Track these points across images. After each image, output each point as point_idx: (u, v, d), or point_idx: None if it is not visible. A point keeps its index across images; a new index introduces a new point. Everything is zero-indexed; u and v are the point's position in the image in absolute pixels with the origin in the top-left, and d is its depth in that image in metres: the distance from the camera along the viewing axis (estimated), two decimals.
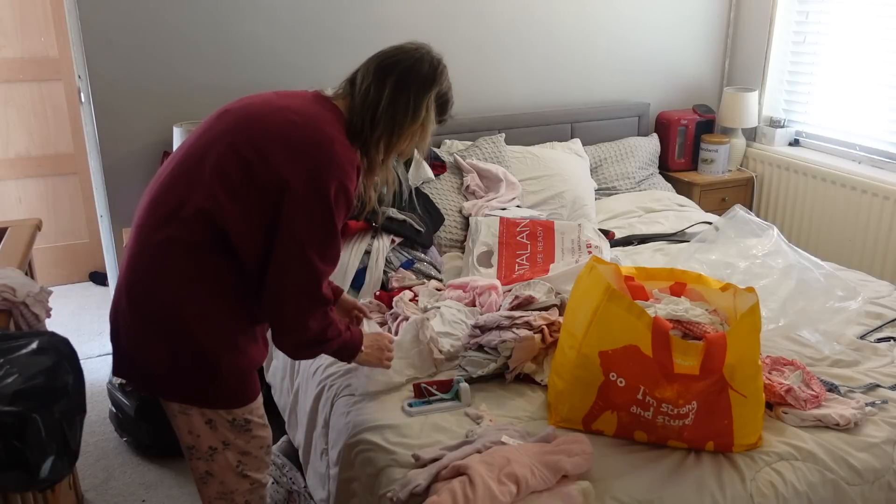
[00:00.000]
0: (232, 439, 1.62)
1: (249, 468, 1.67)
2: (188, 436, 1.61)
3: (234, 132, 1.53)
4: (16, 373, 1.29)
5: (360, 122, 1.61)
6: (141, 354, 1.55)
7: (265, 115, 1.55)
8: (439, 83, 1.68)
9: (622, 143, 3.65)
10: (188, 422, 1.59)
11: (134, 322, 1.54)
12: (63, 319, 3.61)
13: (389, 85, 1.61)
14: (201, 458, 1.63)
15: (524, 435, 1.69)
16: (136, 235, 1.55)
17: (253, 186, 1.49)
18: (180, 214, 1.50)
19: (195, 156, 1.54)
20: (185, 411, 1.58)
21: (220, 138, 1.54)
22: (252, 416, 1.64)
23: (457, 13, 3.33)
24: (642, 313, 1.64)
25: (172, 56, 2.95)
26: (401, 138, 1.65)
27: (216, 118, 1.61)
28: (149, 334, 1.53)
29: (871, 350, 2.14)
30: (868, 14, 3.35)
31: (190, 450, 1.63)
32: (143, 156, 3.00)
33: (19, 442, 1.24)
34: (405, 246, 2.64)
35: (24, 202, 3.96)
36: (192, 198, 1.49)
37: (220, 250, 1.50)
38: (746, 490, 1.59)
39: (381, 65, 1.63)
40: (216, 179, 1.49)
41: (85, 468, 2.61)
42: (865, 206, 3.29)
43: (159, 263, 1.51)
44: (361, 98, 1.62)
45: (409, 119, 1.63)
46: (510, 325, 1.99)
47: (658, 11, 3.75)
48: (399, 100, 1.61)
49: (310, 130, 1.53)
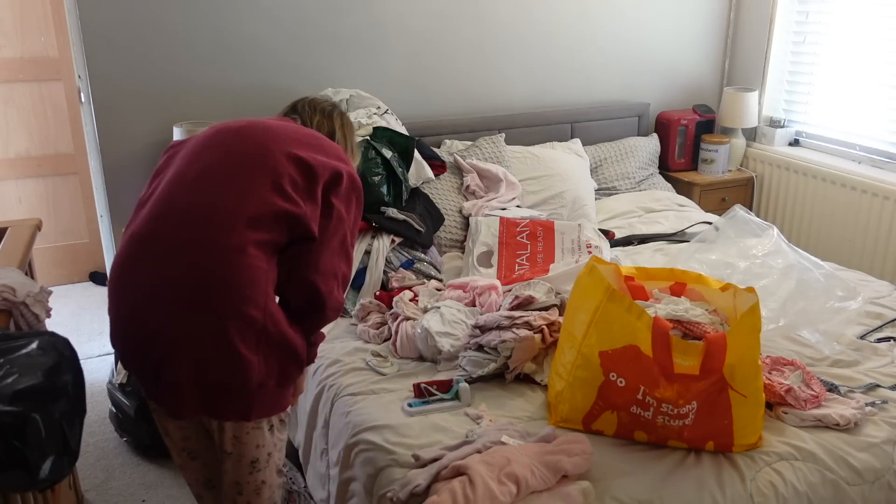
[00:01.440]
0: (280, 438, 1.64)
1: (282, 463, 1.70)
2: (255, 450, 1.57)
3: (280, 143, 1.62)
4: (16, 373, 1.29)
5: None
6: (243, 375, 1.46)
7: (286, 129, 1.69)
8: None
9: (622, 143, 3.65)
10: (257, 436, 1.56)
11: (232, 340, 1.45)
12: (63, 319, 3.61)
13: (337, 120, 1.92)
14: (262, 469, 1.60)
15: (524, 435, 1.69)
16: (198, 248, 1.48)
17: (315, 185, 1.60)
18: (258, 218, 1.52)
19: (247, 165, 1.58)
20: (258, 426, 1.55)
21: (268, 149, 1.60)
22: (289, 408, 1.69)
23: (457, 13, 3.33)
24: (642, 313, 1.64)
25: (172, 56, 2.95)
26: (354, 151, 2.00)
27: (235, 134, 1.65)
28: (248, 348, 1.46)
29: (871, 350, 2.14)
30: (868, 14, 3.35)
31: (253, 464, 1.58)
32: (143, 156, 3.00)
33: (19, 442, 1.24)
34: (405, 246, 2.64)
35: (24, 202, 3.96)
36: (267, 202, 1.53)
37: (280, 251, 1.57)
38: (746, 490, 1.59)
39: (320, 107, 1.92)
40: (287, 183, 1.56)
41: (85, 468, 2.61)
42: (865, 206, 3.29)
43: (250, 267, 1.48)
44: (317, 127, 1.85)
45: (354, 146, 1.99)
46: (510, 325, 1.99)
47: (658, 11, 3.75)
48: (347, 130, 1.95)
49: (326, 140, 1.74)
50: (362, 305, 2.34)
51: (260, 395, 1.52)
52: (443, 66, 3.35)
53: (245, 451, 1.57)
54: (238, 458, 1.57)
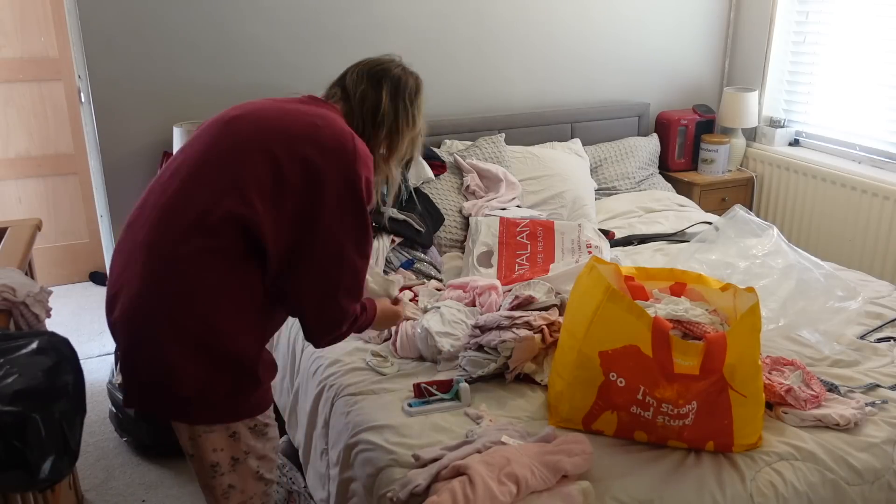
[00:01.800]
0: (252, 446, 1.60)
1: (266, 470, 1.65)
2: (212, 454, 1.55)
3: (260, 137, 1.51)
4: (16, 373, 1.29)
5: (362, 125, 1.66)
6: (170, 380, 1.46)
7: (284, 118, 1.55)
8: (421, 94, 1.77)
9: (622, 143, 3.65)
10: (212, 440, 1.54)
11: (162, 346, 1.45)
12: (63, 319, 3.61)
13: (386, 90, 1.69)
14: (225, 473, 1.58)
15: (524, 435, 1.69)
16: (150, 255, 1.47)
17: (288, 189, 1.47)
18: (207, 222, 1.45)
19: (213, 163, 1.50)
20: (209, 430, 1.54)
21: (244, 144, 1.51)
22: (267, 418, 1.63)
23: (457, 13, 3.33)
24: (642, 313, 1.64)
25: (172, 56, 2.96)
26: (401, 140, 1.72)
27: (224, 125, 1.56)
28: (182, 356, 1.45)
29: (871, 350, 2.14)
30: (868, 14, 3.35)
31: (214, 468, 1.57)
32: (143, 156, 3.00)
33: (19, 442, 1.24)
34: (405, 246, 2.65)
35: (24, 202, 3.96)
36: (220, 205, 1.45)
37: (250, 257, 1.48)
38: (746, 490, 1.59)
39: (372, 72, 1.71)
40: (250, 185, 1.46)
41: (85, 468, 2.61)
42: (865, 206, 3.29)
43: (193, 277, 1.45)
44: (359, 102, 1.67)
45: (407, 122, 1.72)
46: (510, 325, 1.99)
47: (658, 12, 3.75)
48: (397, 103, 1.70)
49: (332, 130, 1.54)
50: None
51: (202, 401, 1.49)
52: (443, 66, 3.35)
53: (201, 454, 1.56)
54: (198, 460, 1.57)
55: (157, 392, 1.50)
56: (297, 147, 1.50)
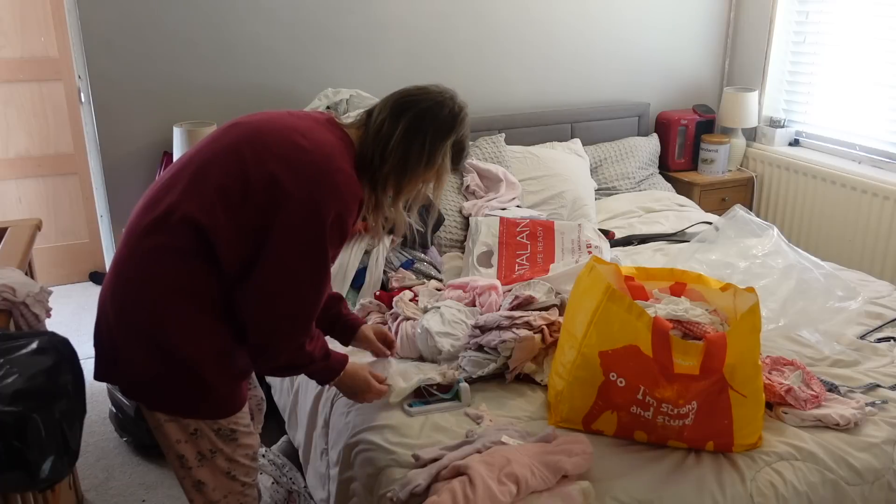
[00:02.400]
0: (219, 446, 1.59)
1: (239, 474, 1.65)
2: (176, 444, 1.56)
3: (241, 147, 1.50)
4: (16, 373, 1.29)
5: (371, 154, 1.58)
6: (125, 361, 1.51)
7: (273, 133, 1.52)
8: (457, 131, 1.62)
9: (622, 143, 3.65)
10: (176, 430, 1.55)
11: (118, 328, 1.51)
12: (63, 319, 3.61)
13: (403, 122, 1.57)
14: (192, 467, 1.59)
15: (524, 435, 1.69)
16: (126, 240, 1.53)
17: (251, 203, 1.46)
18: (169, 221, 1.47)
19: (196, 164, 1.52)
20: (173, 419, 1.55)
21: (224, 151, 1.51)
22: (237, 425, 1.61)
23: (457, 13, 3.33)
24: (642, 313, 1.64)
25: (172, 56, 2.95)
26: (411, 181, 1.61)
27: (225, 130, 1.58)
28: (132, 342, 1.49)
29: (871, 350, 2.14)
30: (868, 14, 3.35)
31: (180, 459, 1.58)
32: (143, 156, 3.00)
33: (19, 442, 1.24)
34: (405, 246, 2.64)
35: (24, 202, 3.96)
36: (183, 205, 1.46)
37: (206, 260, 1.47)
38: (746, 490, 1.59)
39: (399, 101, 1.60)
40: (216, 192, 1.46)
41: (85, 468, 2.61)
42: (865, 206, 3.29)
43: (146, 270, 1.48)
44: (375, 131, 1.59)
45: (424, 163, 1.60)
46: (510, 325, 1.99)
47: (658, 12, 3.75)
48: (412, 140, 1.58)
49: (315, 156, 1.49)
50: (362, 305, 2.34)
51: (153, 389, 1.52)
52: (443, 66, 3.35)
53: (166, 441, 1.58)
54: (165, 448, 1.60)
55: (115, 368, 1.55)
56: (270, 164, 1.47)
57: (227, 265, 1.48)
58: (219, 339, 1.53)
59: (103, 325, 1.55)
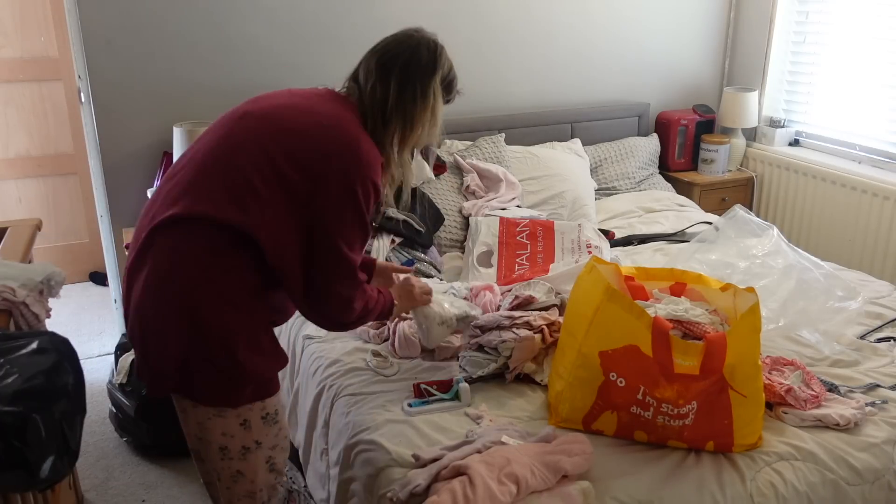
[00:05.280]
0: (264, 436, 1.61)
1: (278, 461, 1.68)
2: (221, 437, 1.57)
3: (262, 137, 1.53)
4: (16, 373, 1.29)
5: (373, 121, 1.63)
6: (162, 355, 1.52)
7: (291, 119, 1.56)
8: (441, 66, 1.68)
9: (622, 143, 3.65)
10: (223, 424, 1.56)
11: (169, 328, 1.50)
12: (63, 319, 3.61)
13: (394, 81, 1.62)
14: (234, 458, 1.60)
15: (524, 435, 1.69)
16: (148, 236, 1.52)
17: (284, 190, 1.49)
18: (196, 222, 1.48)
19: (220, 161, 1.52)
20: (221, 413, 1.55)
21: (247, 143, 1.53)
22: (279, 405, 1.65)
23: (457, 13, 3.33)
24: (642, 313, 1.64)
25: (172, 56, 2.95)
26: (413, 130, 1.67)
27: (237, 120, 1.59)
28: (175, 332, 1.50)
29: (871, 350, 2.14)
30: (868, 14, 3.35)
31: (222, 451, 1.59)
32: (143, 156, 3.00)
33: (19, 442, 1.24)
34: (405, 246, 2.64)
35: (24, 202, 3.96)
36: (221, 209, 1.47)
37: (242, 248, 1.50)
38: (746, 490, 1.59)
39: (381, 61, 1.65)
40: (246, 189, 1.48)
41: (85, 468, 2.61)
42: (865, 206, 3.29)
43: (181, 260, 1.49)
44: (370, 98, 1.63)
45: (419, 108, 1.65)
46: (510, 325, 1.99)
47: (658, 12, 3.75)
48: (406, 93, 1.63)
49: (337, 131, 1.55)
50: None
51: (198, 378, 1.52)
52: None
53: (210, 434, 1.58)
54: (206, 443, 1.60)
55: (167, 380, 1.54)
56: (297, 149, 1.52)
57: (276, 259, 1.51)
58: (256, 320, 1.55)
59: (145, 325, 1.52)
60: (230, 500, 1.67)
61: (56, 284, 1.81)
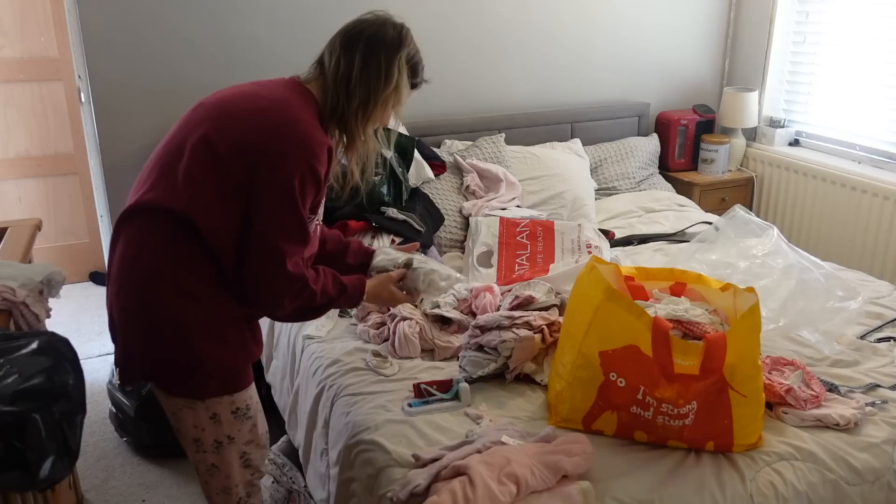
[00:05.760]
0: (236, 432, 1.63)
1: (253, 457, 1.70)
2: (193, 429, 1.61)
3: (205, 124, 1.56)
4: (16, 373, 1.29)
5: (335, 97, 1.63)
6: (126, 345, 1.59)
7: (234, 104, 1.58)
8: (406, 45, 1.69)
9: (622, 143, 3.65)
10: (194, 416, 1.60)
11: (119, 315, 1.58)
12: (63, 319, 3.61)
13: (359, 53, 1.61)
14: (207, 451, 1.64)
15: (524, 435, 1.69)
16: (115, 229, 1.61)
17: (222, 175, 1.51)
18: (147, 211, 1.53)
19: (172, 152, 1.57)
20: (190, 405, 1.59)
21: (192, 132, 1.56)
22: (251, 401, 1.66)
23: (457, 13, 3.33)
24: (642, 313, 1.64)
25: (172, 56, 2.95)
26: (377, 104, 1.65)
27: (191, 111, 1.64)
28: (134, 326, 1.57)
29: (871, 350, 2.14)
30: (868, 14, 3.34)
31: (196, 443, 1.63)
32: (143, 156, 2.95)
33: (19, 442, 1.24)
34: None
35: (24, 202, 3.96)
36: (158, 197, 1.52)
37: (196, 238, 1.51)
38: (746, 490, 1.59)
39: (346, 37, 1.64)
40: (185, 175, 1.51)
41: (85, 468, 2.61)
42: (865, 206, 3.29)
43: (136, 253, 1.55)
44: (333, 73, 1.62)
45: (383, 83, 1.63)
46: (510, 325, 1.99)
47: (658, 12, 3.75)
48: (370, 65, 1.61)
49: (276, 114, 1.54)
50: (362, 305, 2.34)
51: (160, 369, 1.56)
52: (443, 66, 3.34)
53: (183, 425, 1.62)
54: (182, 434, 1.64)
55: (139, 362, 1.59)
56: (234, 132, 1.52)
57: (219, 247, 1.51)
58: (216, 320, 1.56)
59: (114, 318, 1.61)
60: (209, 494, 1.72)
61: (56, 284, 1.81)
